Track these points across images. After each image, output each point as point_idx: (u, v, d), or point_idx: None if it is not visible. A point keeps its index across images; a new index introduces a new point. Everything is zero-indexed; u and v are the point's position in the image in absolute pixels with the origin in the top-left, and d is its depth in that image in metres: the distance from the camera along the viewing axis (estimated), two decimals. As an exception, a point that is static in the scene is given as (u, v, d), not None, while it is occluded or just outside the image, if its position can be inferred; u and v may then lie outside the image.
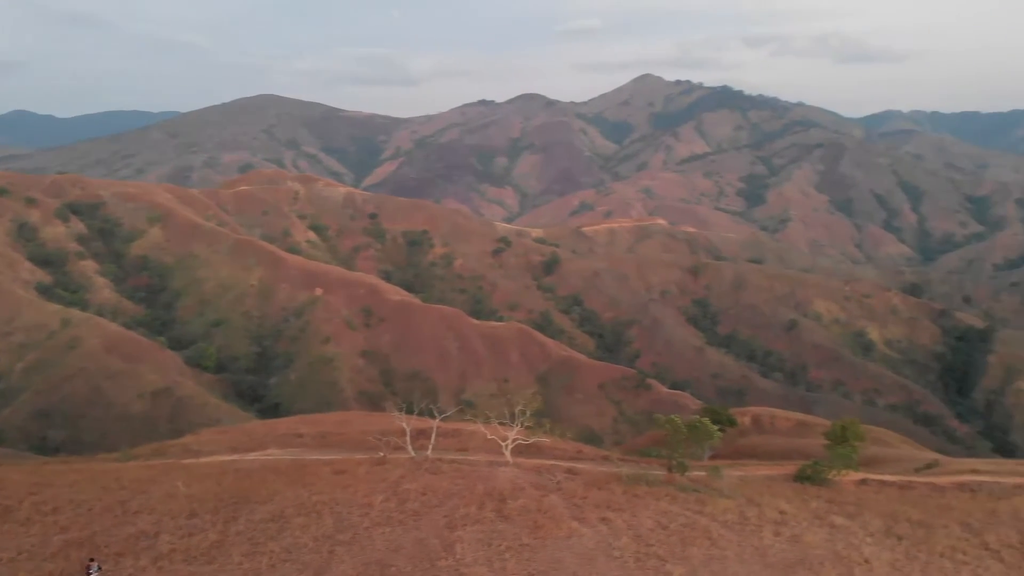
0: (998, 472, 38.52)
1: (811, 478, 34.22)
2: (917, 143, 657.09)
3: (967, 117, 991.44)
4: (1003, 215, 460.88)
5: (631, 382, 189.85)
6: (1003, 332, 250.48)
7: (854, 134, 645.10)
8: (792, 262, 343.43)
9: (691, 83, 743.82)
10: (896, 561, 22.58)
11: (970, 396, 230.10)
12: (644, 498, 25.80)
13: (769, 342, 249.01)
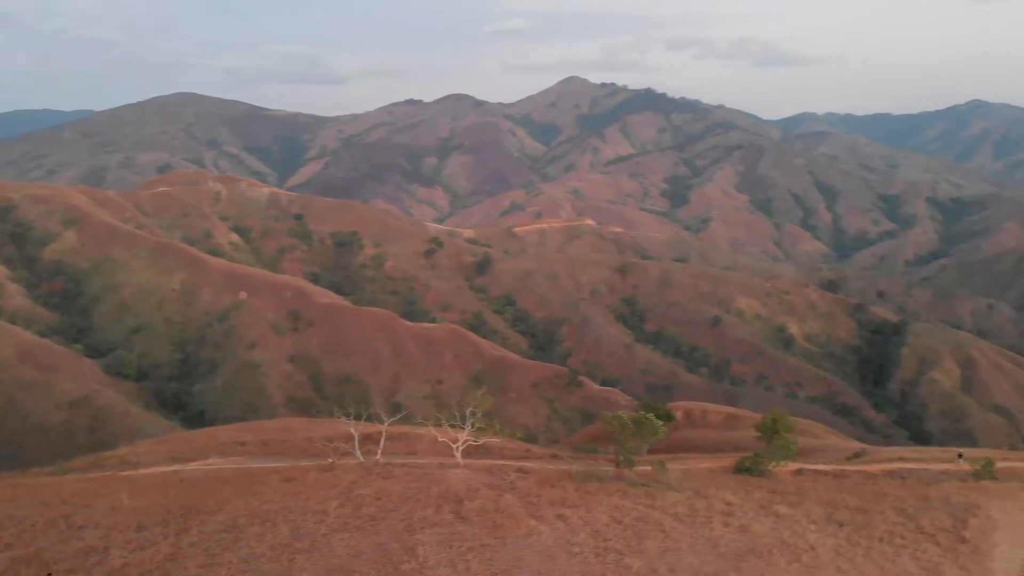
0: (923, 459, 40.70)
1: (750, 469, 35.40)
2: (832, 144, 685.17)
3: (879, 119, 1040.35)
4: (913, 213, 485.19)
5: (563, 380, 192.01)
6: (915, 325, 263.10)
7: (772, 136, 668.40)
8: (715, 260, 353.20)
9: (616, 85, 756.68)
10: (839, 547, 23.63)
11: (886, 387, 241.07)
12: (597, 494, 26.21)
13: (694, 338, 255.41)
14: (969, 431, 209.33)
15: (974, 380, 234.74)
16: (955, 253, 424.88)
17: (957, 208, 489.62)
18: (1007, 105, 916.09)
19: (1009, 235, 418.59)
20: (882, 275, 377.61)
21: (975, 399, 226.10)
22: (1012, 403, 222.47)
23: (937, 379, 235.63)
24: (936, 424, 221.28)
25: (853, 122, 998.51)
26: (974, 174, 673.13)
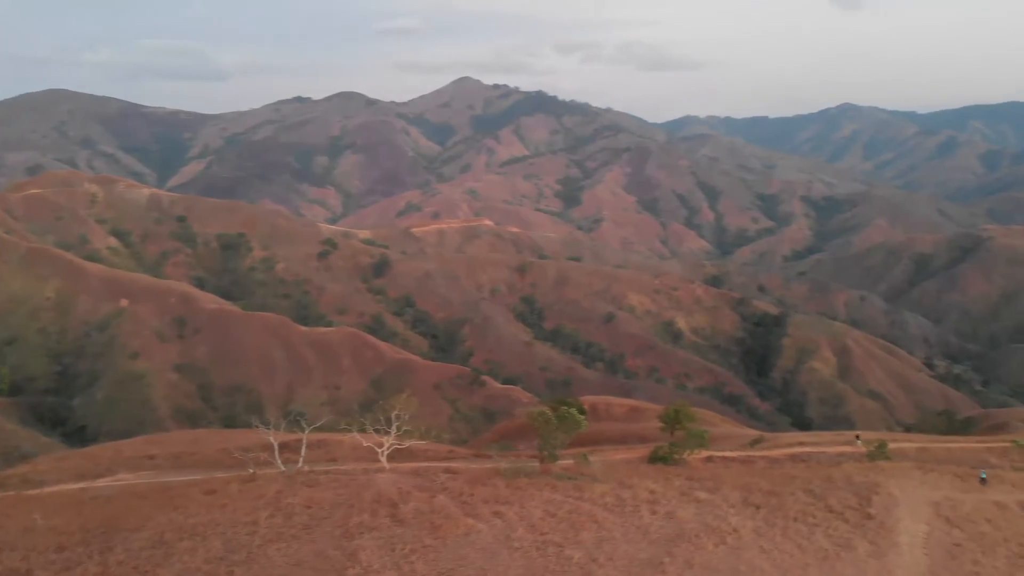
0: (820, 443, 43.43)
1: (664, 459, 36.73)
2: (713, 146, 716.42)
3: (756, 122, 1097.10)
4: (790, 211, 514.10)
5: (465, 380, 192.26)
6: (795, 317, 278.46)
7: (657, 138, 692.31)
8: (607, 259, 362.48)
9: (508, 87, 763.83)
10: (759, 528, 24.95)
11: (768, 376, 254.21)
12: (527, 489, 26.54)
13: (590, 334, 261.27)
14: (847, 416, 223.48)
15: (850, 368, 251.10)
16: (829, 248, 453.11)
17: (830, 206, 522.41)
18: (875, 108, 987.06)
19: (878, 231, 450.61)
20: (762, 270, 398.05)
21: (851, 385, 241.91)
22: (885, 388, 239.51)
23: (816, 368, 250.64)
24: (816, 410, 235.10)
25: (733, 125, 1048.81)
26: (845, 174, 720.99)
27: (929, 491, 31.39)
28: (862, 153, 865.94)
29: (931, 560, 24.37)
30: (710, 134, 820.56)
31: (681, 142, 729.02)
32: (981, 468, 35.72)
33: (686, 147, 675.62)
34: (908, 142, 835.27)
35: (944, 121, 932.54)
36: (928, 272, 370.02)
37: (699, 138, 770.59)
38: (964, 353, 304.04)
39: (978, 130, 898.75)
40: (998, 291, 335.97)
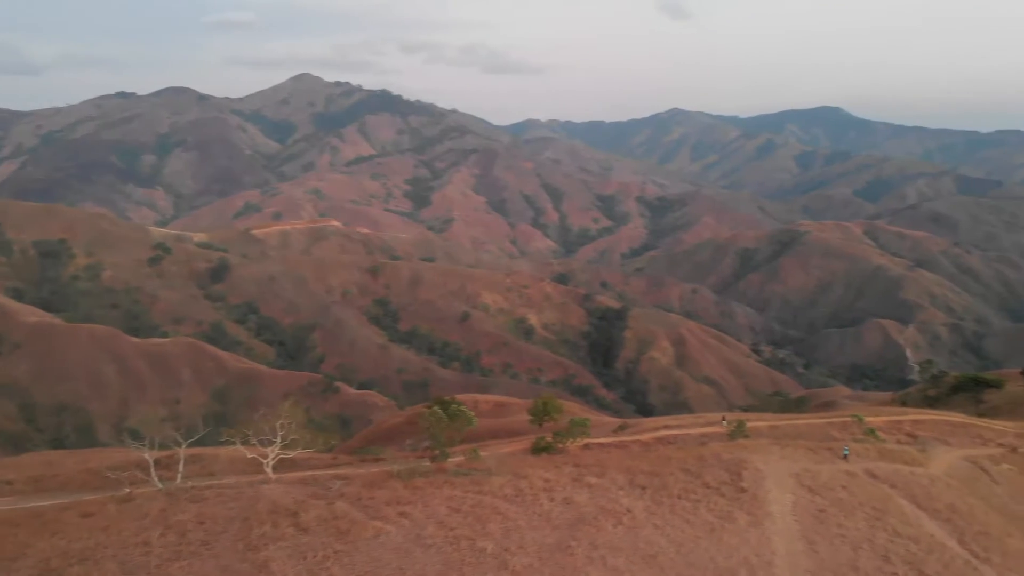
0: (683, 426, 46.24)
1: (546, 449, 37.86)
2: (555, 149, 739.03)
3: (594, 126, 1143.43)
4: (627, 211, 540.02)
5: (318, 387, 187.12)
6: (635, 311, 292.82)
7: (502, 141, 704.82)
8: (459, 259, 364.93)
9: (351, 85, 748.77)
10: (649, 507, 26.37)
11: (613, 367, 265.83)
12: (426, 488, 26.48)
13: (446, 334, 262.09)
14: (685, 401, 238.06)
15: (686, 356, 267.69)
16: (663, 245, 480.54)
17: (662, 205, 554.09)
18: (701, 113, 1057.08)
19: (706, 228, 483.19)
20: (604, 267, 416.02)
21: (688, 372, 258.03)
22: (718, 374, 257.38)
23: (655, 357, 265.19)
24: (657, 397, 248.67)
25: (572, 128, 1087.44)
26: (675, 175, 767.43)
27: (789, 464, 34.43)
28: (690, 155, 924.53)
29: (801, 525, 26.84)
30: (552, 137, 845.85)
31: (525, 144, 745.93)
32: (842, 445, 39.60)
33: (530, 149, 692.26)
34: (731, 145, 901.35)
35: (763, 125, 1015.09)
36: (752, 265, 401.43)
37: (542, 141, 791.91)
38: (786, 339, 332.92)
39: (793, 133, 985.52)
40: (814, 281, 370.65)
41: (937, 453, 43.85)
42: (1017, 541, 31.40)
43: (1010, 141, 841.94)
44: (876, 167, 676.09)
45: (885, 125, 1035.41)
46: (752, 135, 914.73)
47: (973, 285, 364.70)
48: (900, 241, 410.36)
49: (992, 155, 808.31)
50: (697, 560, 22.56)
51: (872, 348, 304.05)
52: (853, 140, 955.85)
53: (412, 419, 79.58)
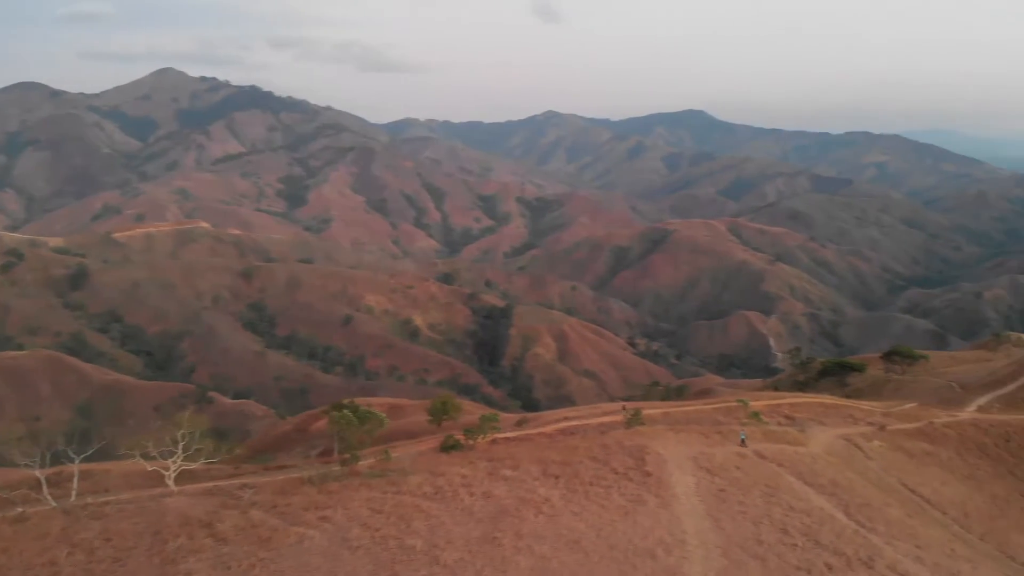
0: (580, 416, 47.59)
1: (455, 446, 38.07)
2: (435, 149, 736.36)
3: (472, 126, 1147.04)
4: (507, 211, 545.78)
5: (191, 398, 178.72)
6: (519, 308, 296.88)
7: (380, 139, 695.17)
8: (340, 260, 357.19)
9: (217, 80, 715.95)
10: (564, 495, 27.09)
11: (499, 364, 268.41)
12: (342, 492, 26.03)
13: (327, 338, 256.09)
14: (568, 395, 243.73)
15: (568, 351, 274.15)
16: (542, 244, 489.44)
17: (541, 206, 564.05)
18: (575, 116, 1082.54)
19: (582, 227, 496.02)
20: (487, 266, 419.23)
21: (570, 367, 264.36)
22: (598, 367, 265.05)
23: (539, 353, 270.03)
24: (542, 392, 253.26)
25: (451, 129, 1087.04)
26: (552, 176, 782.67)
27: (685, 448, 36.23)
28: (565, 157, 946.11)
29: (706, 505, 28.35)
30: (431, 137, 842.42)
31: (404, 144, 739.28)
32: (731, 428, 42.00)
33: (409, 149, 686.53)
34: (604, 147, 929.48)
35: (633, 128, 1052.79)
36: (626, 262, 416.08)
37: (421, 140, 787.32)
38: (659, 331, 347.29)
39: (662, 135, 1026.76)
40: (683, 276, 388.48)
41: (815, 433, 47.37)
42: (895, 511, 34.47)
43: (859, 141, 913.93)
44: (738, 167, 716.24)
45: (746, 128, 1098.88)
46: (623, 137, 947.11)
47: (828, 277, 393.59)
48: (761, 237, 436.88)
49: (843, 155, 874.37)
50: (617, 542, 23.44)
51: (738, 338, 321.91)
52: (717, 142, 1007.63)
53: (301, 426, 77.52)
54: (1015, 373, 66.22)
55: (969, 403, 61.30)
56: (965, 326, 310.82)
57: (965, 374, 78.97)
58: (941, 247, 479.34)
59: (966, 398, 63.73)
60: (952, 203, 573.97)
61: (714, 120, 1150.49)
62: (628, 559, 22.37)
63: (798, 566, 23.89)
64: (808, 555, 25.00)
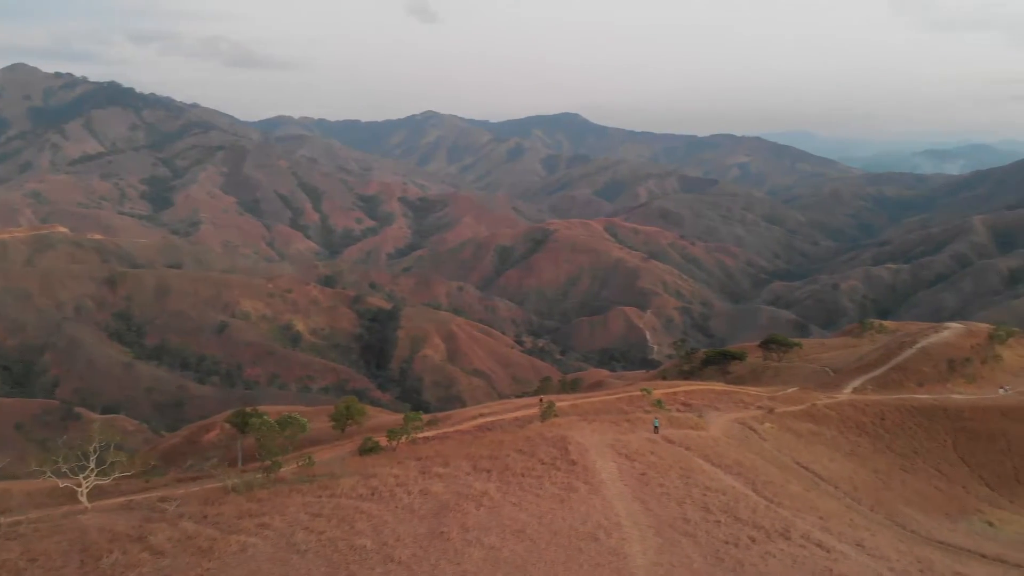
0: (496, 412, 48.09)
1: (373, 448, 37.65)
2: (311, 147, 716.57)
3: (350, 125, 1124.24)
4: (390, 211, 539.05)
5: (55, 415, 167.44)
6: (406, 310, 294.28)
7: (252, 137, 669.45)
8: (211, 264, 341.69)
9: (74, 76, 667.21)
10: (500, 488, 27.36)
11: (387, 368, 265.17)
12: (273, 499, 25.22)
13: (201, 347, 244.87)
14: (458, 395, 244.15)
15: (457, 351, 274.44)
16: (427, 244, 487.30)
17: (424, 206, 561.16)
18: (455, 116, 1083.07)
19: (467, 227, 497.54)
20: (371, 267, 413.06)
21: (459, 367, 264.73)
22: (487, 366, 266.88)
23: (428, 354, 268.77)
24: (431, 393, 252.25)
25: (327, 127, 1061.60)
26: (434, 176, 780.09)
27: (601, 436, 37.46)
28: (446, 157, 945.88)
29: (631, 489, 29.49)
30: (306, 135, 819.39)
31: (277, 142, 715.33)
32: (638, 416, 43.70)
33: (283, 148, 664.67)
34: (484, 148, 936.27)
35: (512, 130, 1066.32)
36: (510, 262, 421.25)
37: (296, 139, 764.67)
38: (544, 329, 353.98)
39: (539, 138, 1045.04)
40: (565, 275, 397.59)
41: (712, 418, 50.04)
42: (795, 487, 37.08)
43: (723, 144, 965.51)
44: (612, 169, 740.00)
45: (618, 131, 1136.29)
46: (503, 139, 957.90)
47: (698, 272, 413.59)
48: (635, 236, 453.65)
49: (708, 156, 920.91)
50: (559, 528, 24.06)
51: (617, 332, 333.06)
52: (592, 144, 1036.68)
53: (192, 439, 73.97)
54: (883, 358, 72.39)
55: (845, 386, 66.56)
56: (824, 315, 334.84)
57: (835, 359, 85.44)
58: (800, 242, 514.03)
59: (842, 381, 69.12)
60: (809, 201, 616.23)
61: (588, 123, 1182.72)
62: (573, 543, 23.04)
63: (725, 540, 25.37)
64: (731, 530, 26.58)
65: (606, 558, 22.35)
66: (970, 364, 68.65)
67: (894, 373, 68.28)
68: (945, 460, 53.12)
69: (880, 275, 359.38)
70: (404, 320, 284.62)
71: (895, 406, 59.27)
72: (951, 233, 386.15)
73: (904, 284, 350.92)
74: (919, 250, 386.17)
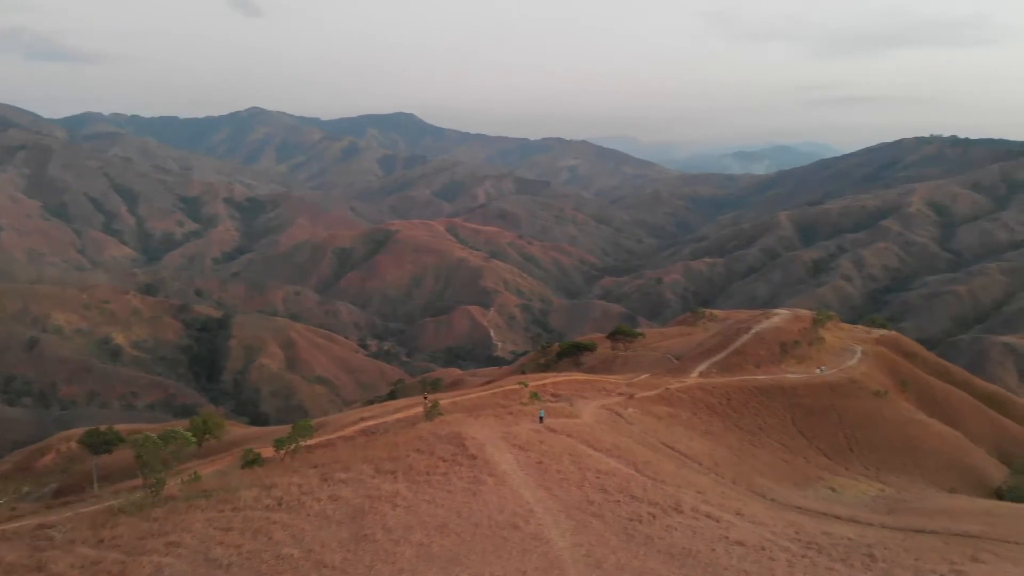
0: (377, 416, 47.45)
1: (255, 461, 36.20)
2: (123, 146, 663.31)
3: (167, 122, 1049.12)
4: (215, 213, 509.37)
5: None
6: (238, 317, 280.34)
7: (58, 136, 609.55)
8: (15, 275, 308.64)
9: None
10: (410, 487, 26.94)
11: (220, 380, 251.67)
12: (171, 517, 23.52)
13: (9, 366, 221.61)
14: (300, 404, 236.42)
15: (296, 359, 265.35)
16: (258, 248, 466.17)
17: (253, 207, 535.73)
18: (283, 113, 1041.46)
19: (301, 229, 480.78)
20: (196, 274, 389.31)
21: (300, 375, 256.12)
22: (330, 373, 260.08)
23: (265, 364, 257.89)
24: (271, 404, 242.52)
25: (141, 124, 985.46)
26: (263, 175, 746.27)
27: (491, 430, 38.05)
28: (275, 156, 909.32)
29: (533, 477, 30.31)
30: (119, 132, 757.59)
31: (85, 140, 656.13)
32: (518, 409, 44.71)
33: (93, 146, 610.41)
34: (316, 146, 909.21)
35: (345, 128, 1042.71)
36: (351, 264, 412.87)
37: (107, 137, 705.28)
38: (388, 331, 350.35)
39: (375, 137, 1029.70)
40: (408, 276, 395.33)
41: (580, 406, 52.23)
42: (668, 465, 39.64)
43: (554, 147, 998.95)
44: (450, 170, 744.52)
45: (454, 132, 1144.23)
46: (336, 138, 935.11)
47: (536, 270, 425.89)
48: (476, 236, 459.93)
49: (541, 159, 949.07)
50: (479, 520, 24.40)
51: (462, 332, 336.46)
52: (428, 145, 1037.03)
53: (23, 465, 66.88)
54: (723, 343, 78.59)
55: (692, 371, 71.61)
56: (650, 308, 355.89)
57: (676, 347, 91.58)
58: (626, 240, 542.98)
59: (688, 366, 74.30)
60: (633, 201, 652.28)
61: (424, 123, 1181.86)
62: (497, 533, 23.50)
63: (629, 517, 26.86)
64: (631, 507, 28.16)
65: (531, 544, 23.04)
66: (799, 346, 76.31)
67: (734, 357, 74.41)
68: (786, 434, 58.75)
69: (699, 269, 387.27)
70: (236, 328, 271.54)
71: (738, 387, 64.69)
72: (760, 229, 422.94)
73: (720, 276, 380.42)
74: (732, 244, 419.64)
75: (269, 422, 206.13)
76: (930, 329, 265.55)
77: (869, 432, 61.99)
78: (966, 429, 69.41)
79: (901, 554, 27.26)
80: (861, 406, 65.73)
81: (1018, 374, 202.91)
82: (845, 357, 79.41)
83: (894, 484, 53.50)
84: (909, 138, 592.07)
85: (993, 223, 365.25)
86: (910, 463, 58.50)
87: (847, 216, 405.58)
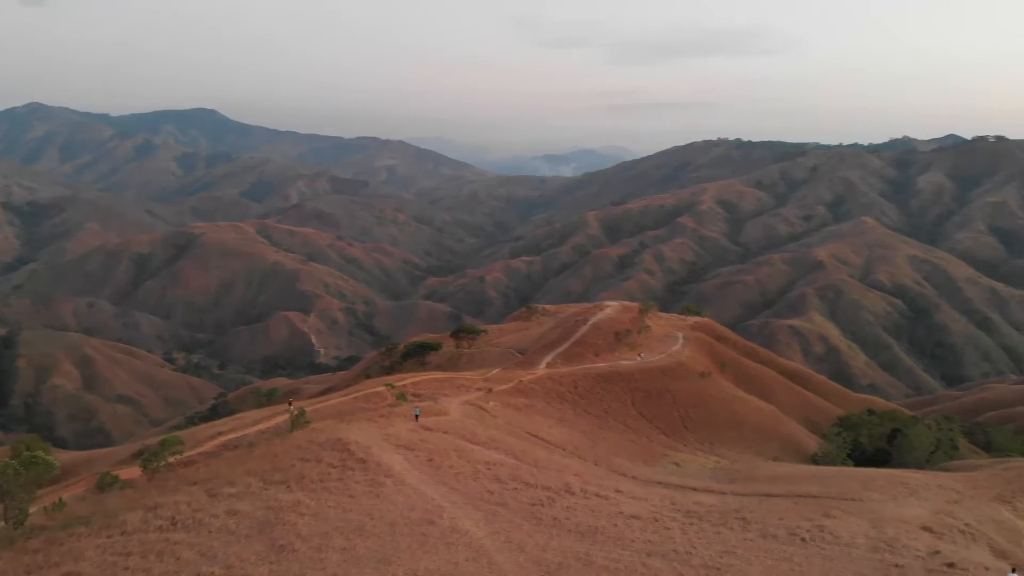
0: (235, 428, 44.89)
1: (114, 482, 33.37)
2: None
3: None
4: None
5: None
6: (24, 335, 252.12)
7: None
8: None
9: None
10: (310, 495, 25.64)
11: (9, 404, 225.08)
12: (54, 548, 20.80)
13: None
14: (101, 427, 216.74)
15: (95, 377, 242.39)
16: (42, 257, 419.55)
17: (35, 212, 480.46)
18: (67, 109, 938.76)
19: (92, 234, 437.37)
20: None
21: (100, 395, 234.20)
22: (134, 390, 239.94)
23: (59, 384, 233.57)
24: (68, 428, 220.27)
25: None
26: (44, 177, 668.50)
27: (368, 434, 37.34)
28: (59, 155, 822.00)
29: (428, 475, 30.20)
30: None
31: None
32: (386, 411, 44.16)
33: None
34: (105, 144, 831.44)
35: (138, 125, 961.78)
36: (150, 271, 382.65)
37: None
38: (196, 342, 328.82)
39: (171, 134, 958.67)
40: (216, 282, 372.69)
41: (444, 404, 52.65)
42: (540, 453, 41.14)
43: (370, 146, 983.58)
44: (258, 169, 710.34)
45: (261, 129, 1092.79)
46: (128, 135, 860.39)
47: (358, 272, 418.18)
48: (291, 238, 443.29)
49: (357, 159, 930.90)
50: (393, 520, 24.14)
51: (280, 339, 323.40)
52: (232, 143, 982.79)
53: None
54: (564, 336, 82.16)
55: (539, 363, 74.25)
56: (474, 306, 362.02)
57: (516, 341, 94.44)
58: (447, 240, 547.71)
59: (534, 359, 76.90)
60: (452, 202, 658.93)
61: (228, 120, 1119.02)
62: (414, 530, 23.43)
63: (531, 503, 27.83)
64: (529, 494, 29.16)
65: (452, 537, 23.28)
66: (631, 335, 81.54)
67: (575, 347, 78.13)
68: (629, 416, 62.70)
69: (518, 267, 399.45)
70: (23, 347, 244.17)
71: (583, 375, 68.10)
72: (571, 228, 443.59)
73: (537, 273, 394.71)
74: (547, 243, 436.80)
75: (67, 447, 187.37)
76: (724, 316, 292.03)
77: (700, 410, 67.69)
78: (778, 403, 77.70)
79: (767, 515, 30.44)
80: (690, 387, 71.57)
81: (803, 353, 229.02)
82: (670, 343, 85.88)
83: (726, 456, 58.92)
84: (699, 141, 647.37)
85: (775, 218, 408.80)
86: (737, 436, 64.64)
87: (647, 215, 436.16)
